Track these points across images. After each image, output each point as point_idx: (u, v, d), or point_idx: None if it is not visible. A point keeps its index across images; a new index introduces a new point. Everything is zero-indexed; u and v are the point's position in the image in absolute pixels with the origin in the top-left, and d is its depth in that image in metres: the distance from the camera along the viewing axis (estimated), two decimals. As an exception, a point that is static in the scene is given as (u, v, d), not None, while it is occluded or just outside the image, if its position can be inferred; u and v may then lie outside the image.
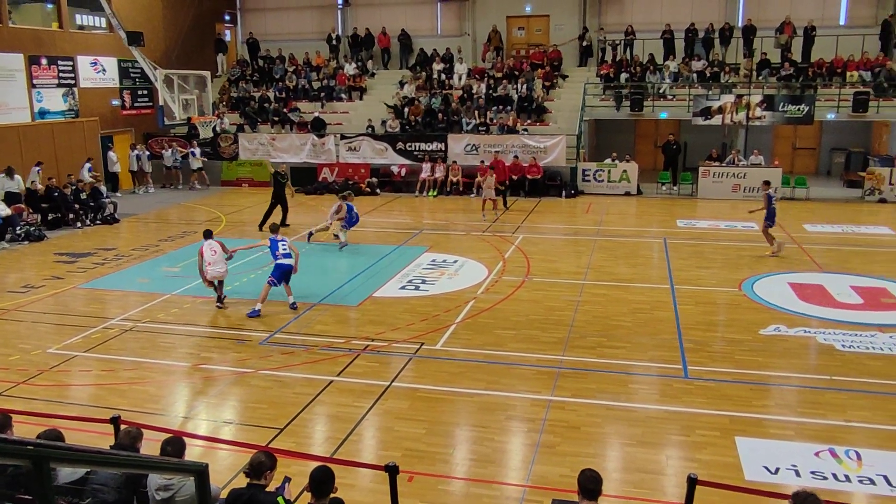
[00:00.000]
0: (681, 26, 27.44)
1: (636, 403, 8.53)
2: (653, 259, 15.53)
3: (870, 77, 24.91)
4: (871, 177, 22.75)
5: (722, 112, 23.99)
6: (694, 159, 25.73)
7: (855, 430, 7.87)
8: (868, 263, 14.88)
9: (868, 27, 26.62)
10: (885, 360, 9.78)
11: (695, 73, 26.48)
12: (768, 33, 26.67)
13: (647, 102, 25.60)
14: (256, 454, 5.06)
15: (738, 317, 11.61)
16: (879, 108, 24.04)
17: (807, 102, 23.54)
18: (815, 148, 28.90)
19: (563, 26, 29.58)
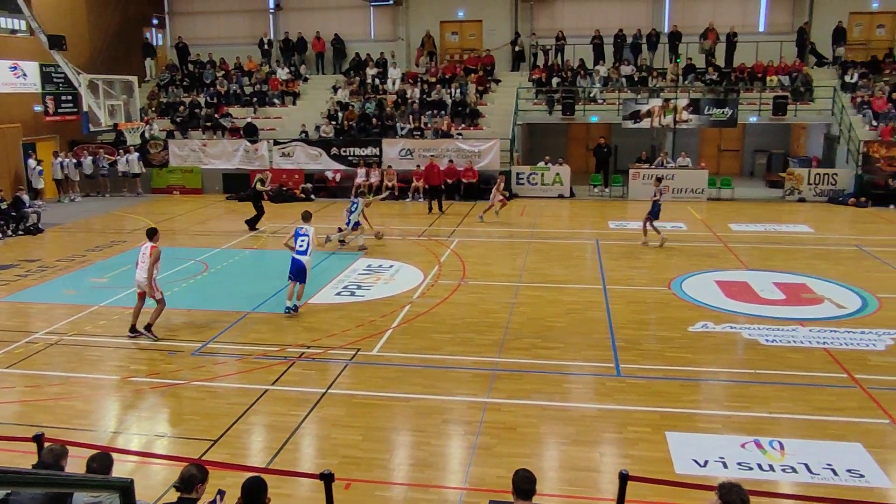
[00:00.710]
0: (610, 32, 28.06)
1: (570, 403, 8.69)
2: (586, 260, 15.83)
3: (788, 82, 25.96)
4: (790, 177, 23.71)
5: (650, 115, 24.65)
6: (624, 162, 26.35)
7: (778, 421, 8.18)
8: (789, 260, 15.50)
9: (785, 34, 27.73)
10: (806, 352, 10.19)
11: (624, 77, 27.12)
12: (693, 39, 27.50)
13: (578, 106, 26.09)
14: (187, 467, 4.97)
15: (668, 315, 11.95)
16: (797, 111, 25.07)
17: (730, 106, 24.37)
18: (739, 150, 29.95)
19: (495, 31, 29.88)
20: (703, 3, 28.41)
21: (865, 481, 6.93)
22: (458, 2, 30.00)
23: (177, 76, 30.03)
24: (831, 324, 11.36)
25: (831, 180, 23.36)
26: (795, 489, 6.86)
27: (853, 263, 15.26)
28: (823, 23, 27.56)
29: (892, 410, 8.34)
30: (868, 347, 10.37)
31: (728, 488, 4.55)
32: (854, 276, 14.14)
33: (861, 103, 24.78)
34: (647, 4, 29.01)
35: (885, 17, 28.15)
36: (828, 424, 8.09)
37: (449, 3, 30.04)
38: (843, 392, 8.93)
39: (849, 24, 27.74)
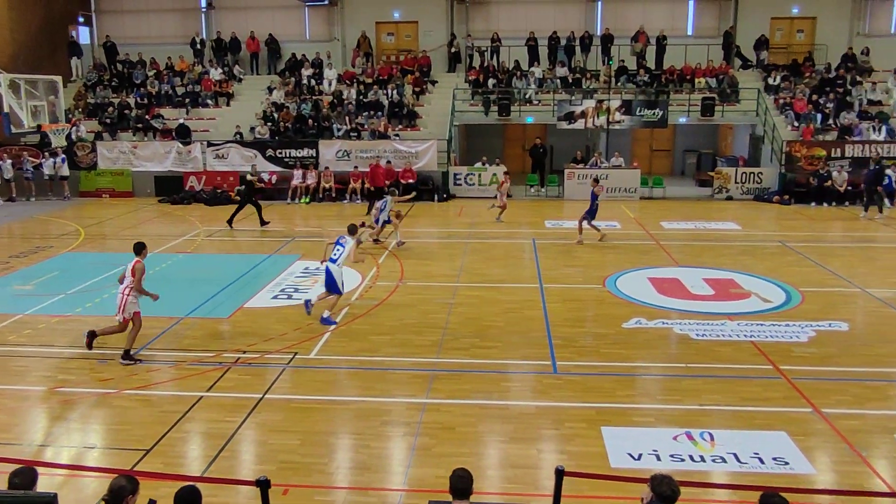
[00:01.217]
0: (544, 34, 28.47)
1: (509, 401, 8.78)
2: (523, 259, 16.02)
3: (715, 84, 26.77)
4: (719, 176, 24.48)
5: (584, 116, 25.11)
6: (560, 162, 26.79)
7: (708, 413, 8.43)
8: (718, 257, 16.00)
9: (712, 37, 28.64)
10: (734, 346, 10.54)
11: (558, 79, 27.54)
12: (625, 42, 28.11)
13: (514, 107, 26.39)
14: (116, 478, 4.84)
15: (603, 312, 12.20)
16: (724, 112, 25.91)
17: (661, 107, 25.01)
18: (670, 150, 30.75)
19: (431, 32, 30.00)
20: (633, 7, 29.09)
21: (790, 468, 7.20)
22: (394, 3, 29.99)
23: (105, 76, 29.18)
24: (758, 317, 11.78)
25: (757, 179, 24.22)
26: (725, 478, 7.09)
27: (778, 259, 15.85)
28: (747, 27, 28.58)
29: (814, 399, 8.69)
30: (792, 339, 10.77)
31: (659, 480, 4.68)
32: (778, 271, 14.69)
33: (783, 105, 25.75)
34: (580, 7, 29.54)
35: (804, 23, 29.34)
36: (755, 415, 8.36)
37: (384, 4, 30.00)
38: (769, 383, 9.26)
39: (771, 29, 28.82)
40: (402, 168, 24.15)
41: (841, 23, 28.94)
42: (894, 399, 8.97)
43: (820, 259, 15.66)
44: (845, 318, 11.75)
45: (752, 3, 28.72)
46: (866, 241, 18.08)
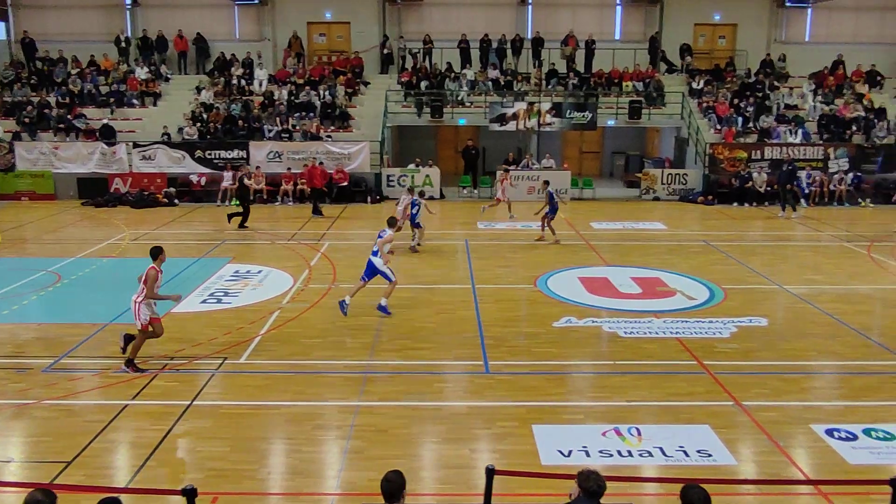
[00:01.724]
0: (476, 36, 28.68)
1: (441, 402, 8.82)
2: (456, 261, 16.11)
3: (642, 87, 27.46)
4: (646, 177, 25.12)
5: (516, 118, 25.40)
6: (492, 163, 27.03)
7: (635, 408, 8.64)
8: (645, 256, 16.42)
9: (639, 42, 29.37)
10: (660, 342, 10.84)
11: (490, 81, 27.79)
12: (555, 45, 28.57)
13: (446, 109, 26.51)
14: (32, 493, 4.66)
15: (534, 311, 12.38)
16: (651, 115, 26.61)
17: (590, 110, 25.51)
18: (599, 152, 31.39)
19: (364, 33, 29.87)
20: (563, 11, 29.59)
21: (713, 460, 7.44)
22: (326, 3, 29.75)
23: (23, 74, 28.03)
24: (683, 314, 12.13)
25: (682, 180, 24.95)
26: (652, 472, 7.29)
27: (702, 257, 16.37)
28: (672, 33, 29.43)
29: (735, 393, 9.00)
30: (715, 335, 11.14)
31: (585, 476, 4.78)
32: (702, 269, 15.17)
33: (706, 108, 26.60)
34: (511, 11, 29.88)
35: (725, 29, 30.40)
36: (680, 409, 8.62)
37: (316, 4, 29.74)
38: (693, 378, 9.55)
39: (694, 35, 29.76)
40: (334, 170, 23.96)
41: (759, 30, 30.09)
42: (810, 391, 9.37)
43: (741, 257, 16.24)
44: (765, 314, 12.22)
45: (676, 10, 29.58)
46: (784, 240, 18.84)
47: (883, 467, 7.20)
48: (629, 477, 7.00)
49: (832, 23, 30.24)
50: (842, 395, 9.22)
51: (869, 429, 8.11)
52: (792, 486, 7.04)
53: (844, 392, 9.36)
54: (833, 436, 7.95)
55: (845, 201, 24.19)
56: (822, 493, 6.82)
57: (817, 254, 17.13)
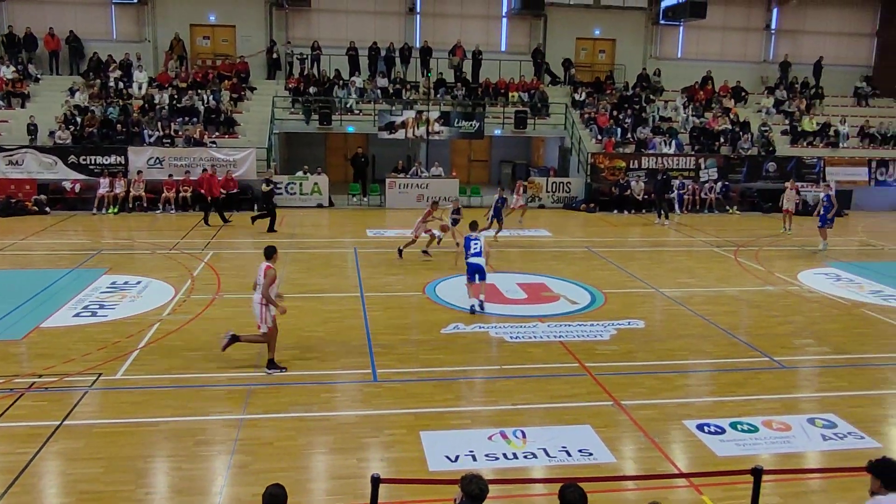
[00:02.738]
0: (365, 44, 28.65)
1: (329, 412, 8.73)
2: (345, 269, 16.01)
3: (527, 98, 28.21)
4: (532, 185, 25.78)
5: (405, 127, 25.53)
6: (382, 171, 27.03)
7: (521, 411, 8.84)
8: (531, 262, 16.87)
9: (524, 54, 30.18)
10: (544, 346, 11.15)
11: (379, 89, 27.81)
12: (443, 55, 28.92)
13: (335, 116, 26.33)
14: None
15: (422, 318, 12.47)
16: (536, 125, 27.38)
17: (477, 119, 25.99)
18: (487, 160, 31.99)
19: (250, 38, 29.24)
20: (451, 22, 30.02)
21: (594, 459, 7.71)
22: (210, 5, 28.93)
23: None
24: (566, 318, 12.54)
25: (566, 188, 25.80)
26: (536, 473, 7.48)
27: (584, 263, 16.97)
28: (555, 46, 30.42)
29: (615, 393, 9.38)
30: (596, 338, 11.57)
31: (468, 480, 4.86)
32: (584, 274, 15.72)
33: (588, 119, 27.64)
34: (400, 19, 30.03)
35: (605, 44, 31.70)
36: (563, 411, 8.89)
37: (199, 5, 28.85)
38: (575, 380, 9.87)
39: (576, 49, 30.87)
40: (222, 177, 23.28)
41: (636, 46, 31.58)
42: (682, 388, 9.87)
43: (620, 262, 16.95)
44: (642, 316, 12.80)
45: (559, 24, 30.59)
46: (659, 246, 19.79)
47: (747, 458, 7.67)
48: (513, 479, 7.15)
49: (701, 41, 32.13)
50: (711, 392, 9.78)
51: (735, 422, 8.64)
52: (667, 480, 7.38)
53: (713, 389, 9.93)
54: (703, 430, 8.42)
55: (715, 209, 25.72)
56: (694, 485, 7.20)
57: (690, 258, 18.10)
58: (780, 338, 11.95)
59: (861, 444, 8.20)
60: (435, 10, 30.15)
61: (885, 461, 5.20)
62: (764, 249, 18.87)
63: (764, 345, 11.48)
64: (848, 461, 7.56)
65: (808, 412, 9.00)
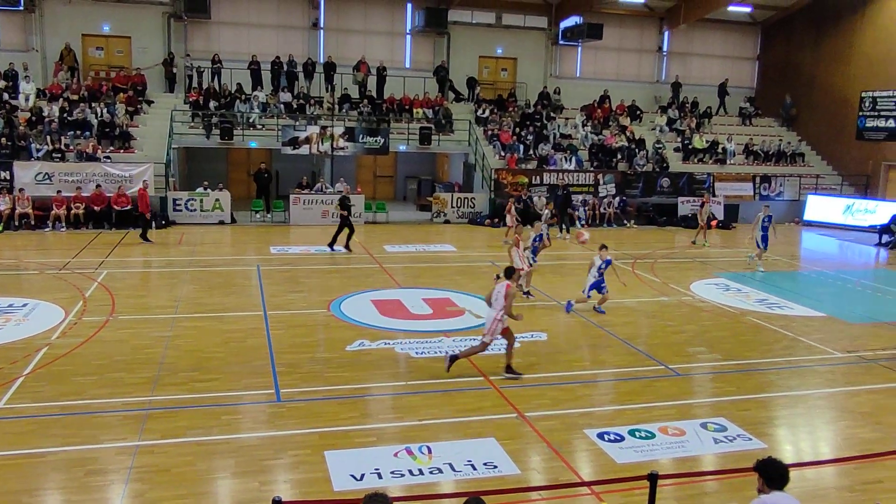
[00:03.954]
0: (267, 58, 28.25)
1: (230, 434, 8.49)
2: (247, 287, 15.65)
3: (431, 114, 28.48)
4: (437, 201, 26.02)
5: (309, 142, 25.27)
6: (286, 187, 26.65)
7: (427, 427, 8.85)
8: (436, 277, 16.97)
9: (428, 71, 30.47)
10: (450, 361, 11.21)
11: (282, 104, 27.45)
12: (347, 70, 28.85)
13: (237, 131, 25.82)
14: None
15: (327, 336, 12.34)
16: (440, 141, 27.66)
17: (382, 135, 26.02)
18: (393, 176, 32.05)
19: (147, 49, 28.32)
20: (355, 38, 30.00)
21: (499, 471, 7.80)
22: (103, 15, 27.84)
23: None
24: (470, 332, 12.65)
25: (470, 203, 26.14)
26: (441, 488, 7.49)
27: (488, 277, 17.09)
28: (459, 63, 30.87)
29: (519, 405, 9.53)
30: (500, 351, 11.66)
31: (370, 498, 4.81)
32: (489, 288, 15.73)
33: (491, 135, 28.14)
34: (303, 34, 29.79)
35: (507, 62, 32.43)
36: (469, 424, 8.96)
37: (92, 15, 27.70)
38: (480, 393, 9.97)
39: (479, 67, 31.44)
40: (114, 193, 22.41)
41: (537, 65, 32.44)
42: (584, 398, 10.13)
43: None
44: (545, 328, 13.08)
45: (462, 42, 31.07)
46: (562, 259, 20.28)
47: (645, 463, 7.94)
48: (418, 496, 7.15)
49: (598, 61, 33.33)
50: (611, 401, 10.08)
51: (633, 429, 8.93)
52: (569, 489, 7.54)
53: (613, 397, 10.25)
54: (603, 438, 8.66)
55: (613, 223, 26.61)
56: (595, 493, 7.40)
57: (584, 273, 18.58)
58: (675, 346, 12.46)
59: (749, 445, 8.62)
60: (339, 26, 30.07)
61: (767, 461, 5.51)
62: (659, 262, 19.62)
63: (660, 353, 11.94)
64: (738, 462, 7.92)
65: (700, 417, 9.39)
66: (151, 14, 28.15)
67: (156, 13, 28.16)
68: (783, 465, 5.45)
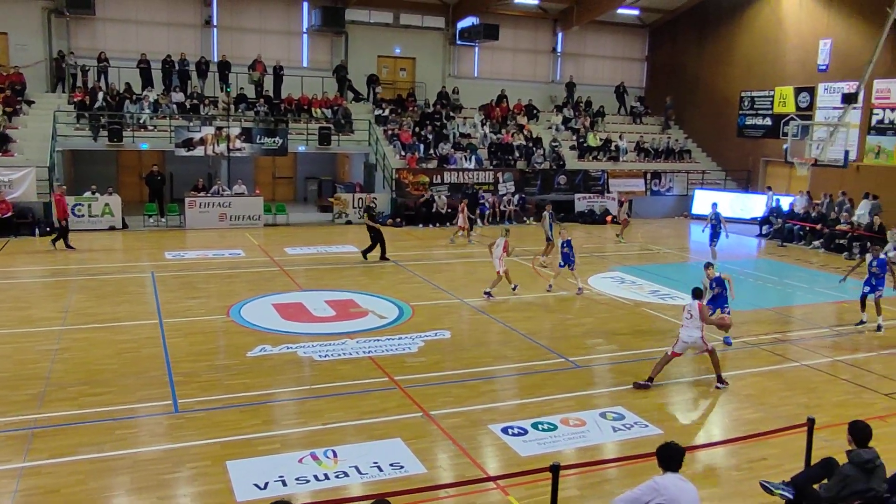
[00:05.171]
0: (158, 56, 27.23)
1: (124, 450, 8.13)
2: (141, 295, 15.04)
3: (331, 114, 28.19)
4: (338, 202, 25.79)
5: (204, 143, 24.52)
6: (180, 190, 25.77)
7: (332, 430, 8.76)
8: (339, 279, 16.83)
9: (326, 71, 30.13)
10: (353, 363, 11.15)
11: (175, 104, 26.53)
12: (242, 70, 28.17)
13: (127, 133, 24.77)
14: None
15: (227, 342, 12.03)
16: (340, 141, 27.42)
17: (280, 135, 25.55)
18: (293, 177, 31.52)
19: (26, 47, 26.71)
20: (250, 36, 29.32)
21: (405, 471, 7.81)
22: (-25, 12, 26.10)
23: None
24: (375, 333, 12.63)
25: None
26: (348, 492, 7.41)
27: (391, 277, 17.20)
28: (357, 63, 30.68)
29: (424, 404, 9.57)
30: (405, 351, 11.76)
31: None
32: (392, 288, 15.94)
33: (392, 135, 28.12)
34: (195, 32, 28.87)
35: (406, 62, 32.47)
36: (374, 426, 8.92)
37: (-37, 11, 25.95)
38: (385, 394, 9.96)
39: (378, 66, 31.34)
40: (-9, 199, 21.10)
41: (435, 65, 32.64)
42: (488, 394, 10.27)
43: (427, 275, 17.37)
44: (448, 326, 13.19)
45: (360, 42, 30.87)
46: (464, 257, 20.50)
47: (549, 455, 8.12)
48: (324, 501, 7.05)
49: (495, 61, 33.85)
50: (514, 395, 10.27)
51: (537, 422, 9.13)
52: (475, 485, 7.62)
53: (515, 392, 10.44)
54: (507, 433, 8.81)
55: (513, 220, 27.10)
56: (500, 487, 7.52)
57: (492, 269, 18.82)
58: (574, 339, 12.83)
59: (646, 431, 8.97)
60: (233, 24, 29.30)
61: (661, 446, 5.77)
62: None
63: (560, 347, 12.26)
64: (636, 449, 8.23)
65: (599, 407, 9.70)
66: (31, 9, 26.57)
67: (34, 9, 26.61)
68: (677, 448, 5.72)
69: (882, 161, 25.02)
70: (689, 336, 10.52)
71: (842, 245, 22.88)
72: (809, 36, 27.97)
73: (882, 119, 24.99)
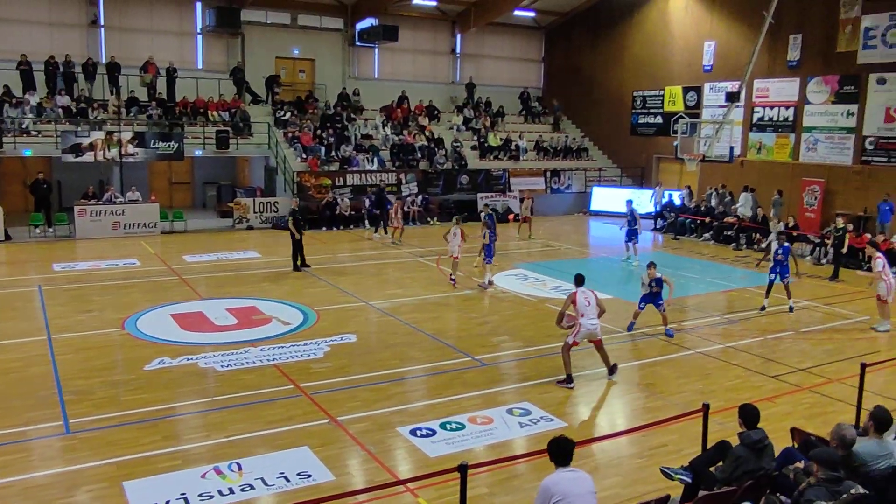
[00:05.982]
0: (40, 58, 25.80)
1: (12, 476, 7.64)
2: (27, 310, 14.20)
3: (228, 117, 27.48)
4: (238, 207, 25.17)
5: (94, 149, 23.45)
6: (69, 198, 24.53)
7: (236, 443, 8.53)
8: (240, 285, 16.42)
9: (222, 72, 29.34)
10: (257, 371, 10.90)
11: (60, 108, 25.23)
12: (133, 72, 27.08)
13: (7, 139, 23.38)
14: None
15: (123, 356, 11.54)
16: (239, 145, 26.77)
17: (176, 140, 24.72)
18: (190, 182, 30.51)
19: None
20: (140, 37, 28.18)
21: (313, 480, 7.70)
22: None
23: None
24: (278, 340, 12.39)
25: (273, 208, 25.50)
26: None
27: (295, 282, 16.92)
28: (255, 64, 30.02)
29: (331, 410, 9.46)
30: (310, 357, 11.60)
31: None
32: (296, 293, 15.69)
33: (292, 138, 27.67)
34: (81, 32, 27.52)
35: (305, 64, 32.02)
36: (280, 436, 8.75)
37: None
38: (291, 402, 9.78)
39: (276, 68, 30.76)
40: None
41: (335, 66, 32.31)
42: (395, 396, 10.25)
43: (331, 279, 17.18)
44: (354, 330, 13.09)
45: (257, 43, 30.21)
46: (370, 259, 20.41)
47: (458, 454, 8.20)
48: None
49: (395, 62, 33.83)
50: (421, 396, 10.29)
51: (444, 422, 9.19)
52: (385, 490, 7.58)
53: (423, 393, 10.47)
54: (416, 434, 8.83)
55: (417, 221, 27.16)
56: (410, 490, 7.52)
57: (398, 270, 18.91)
58: (479, 337, 12.97)
59: (551, 425, 9.17)
60: (122, 24, 28.08)
61: (551, 442, 5.86)
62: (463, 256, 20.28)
63: (466, 346, 12.37)
64: (542, 443, 8.27)
65: (506, 403, 9.85)
66: None
67: None
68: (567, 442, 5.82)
69: (763, 156, 26.53)
70: (591, 324, 10.63)
71: (730, 237, 24.11)
72: (695, 38, 29.28)
73: (762, 116, 26.50)
